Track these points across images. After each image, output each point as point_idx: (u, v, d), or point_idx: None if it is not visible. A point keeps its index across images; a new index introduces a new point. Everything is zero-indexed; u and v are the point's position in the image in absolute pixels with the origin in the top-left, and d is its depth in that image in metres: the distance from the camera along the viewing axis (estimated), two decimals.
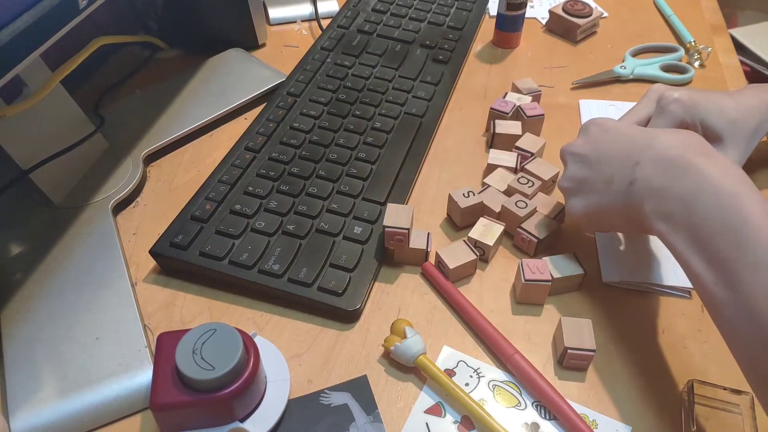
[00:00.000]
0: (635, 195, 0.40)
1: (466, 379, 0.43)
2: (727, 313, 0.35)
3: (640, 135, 0.42)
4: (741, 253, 0.34)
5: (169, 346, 0.38)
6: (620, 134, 0.44)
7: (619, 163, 0.42)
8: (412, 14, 0.77)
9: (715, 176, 0.36)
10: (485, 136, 0.63)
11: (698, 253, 0.36)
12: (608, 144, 0.44)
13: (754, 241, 0.33)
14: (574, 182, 0.46)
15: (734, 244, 0.34)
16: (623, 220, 0.43)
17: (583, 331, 0.43)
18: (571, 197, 0.46)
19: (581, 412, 0.41)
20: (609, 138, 0.44)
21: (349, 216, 0.51)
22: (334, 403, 0.42)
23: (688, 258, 0.37)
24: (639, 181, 0.40)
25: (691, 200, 0.37)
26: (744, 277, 0.33)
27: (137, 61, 0.72)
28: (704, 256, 0.36)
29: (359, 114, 0.61)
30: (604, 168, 0.43)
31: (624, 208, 0.42)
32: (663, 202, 0.39)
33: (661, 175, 0.39)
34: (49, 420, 0.40)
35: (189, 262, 0.48)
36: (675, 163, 0.38)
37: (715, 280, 0.35)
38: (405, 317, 0.46)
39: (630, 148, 0.42)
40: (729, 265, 0.34)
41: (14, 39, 0.39)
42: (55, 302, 0.46)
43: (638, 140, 0.42)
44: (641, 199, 0.40)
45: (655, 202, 0.39)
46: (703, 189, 0.37)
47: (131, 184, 0.55)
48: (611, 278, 0.49)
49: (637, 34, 0.77)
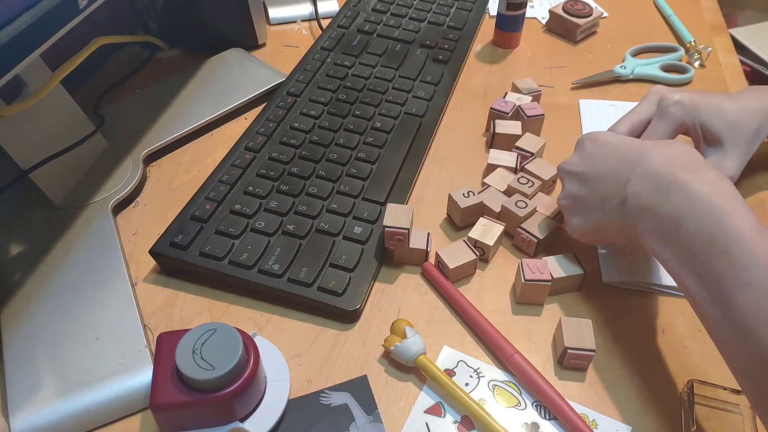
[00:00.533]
0: (628, 213, 0.41)
1: (466, 379, 0.43)
2: (719, 329, 0.36)
3: (631, 150, 0.42)
4: (731, 272, 0.34)
5: (169, 346, 0.38)
6: (613, 149, 0.43)
7: (612, 181, 0.42)
8: (412, 14, 0.77)
9: (703, 194, 0.36)
10: (485, 136, 0.63)
11: (690, 271, 0.37)
12: (601, 160, 0.44)
13: (744, 261, 0.33)
14: (572, 200, 0.46)
15: (724, 263, 0.34)
16: (621, 236, 0.44)
17: (583, 331, 0.43)
18: (570, 215, 0.46)
19: (581, 412, 0.41)
20: (602, 153, 0.44)
21: (349, 216, 0.51)
22: (334, 403, 0.42)
23: (681, 275, 0.37)
24: (630, 198, 0.40)
25: (681, 218, 0.37)
26: (735, 296, 0.33)
27: (137, 61, 0.72)
28: (695, 273, 0.36)
29: (359, 114, 0.61)
30: (598, 186, 0.43)
31: (619, 225, 0.42)
32: (654, 220, 0.39)
33: (651, 192, 0.39)
34: (49, 420, 0.40)
35: (189, 262, 0.48)
36: (663, 180, 0.38)
37: (707, 297, 0.35)
38: (405, 317, 0.46)
39: (621, 164, 0.42)
40: (720, 283, 0.34)
41: (14, 39, 0.39)
42: (55, 302, 0.46)
43: (630, 156, 0.41)
44: (634, 217, 0.40)
45: (647, 220, 0.39)
46: (691, 207, 0.36)
47: (131, 184, 0.55)
48: (611, 278, 0.49)
49: (637, 34, 0.77)
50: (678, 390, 0.42)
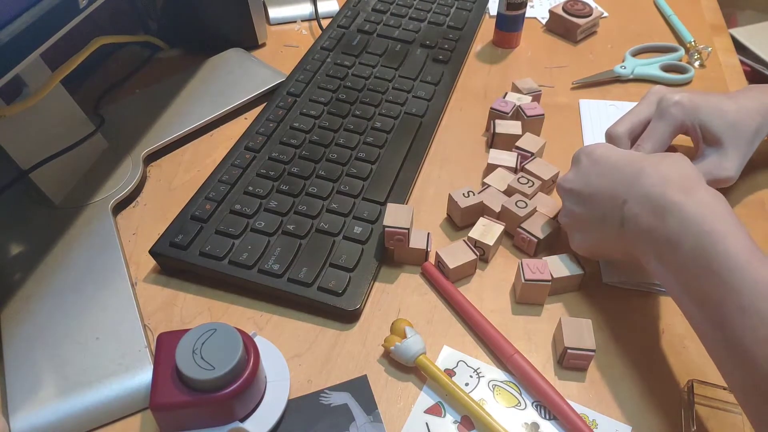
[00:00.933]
0: (627, 235, 0.41)
1: (466, 379, 0.43)
2: (716, 349, 0.36)
3: (627, 168, 0.41)
4: (727, 296, 0.34)
5: (169, 346, 0.38)
6: (609, 167, 0.43)
7: (609, 201, 0.42)
8: (412, 14, 0.77)
9: (697, 216, 0.36)
10: (485, 136, 0.63)
11: (688, 294, 0.37)
12: (598, 178, 0.43)
13: (740, 284, 0.33)
14: (572, 218, 0.46)
15: (720, 287, 0.34)
16: (623, 255, 0.44)
17: (583, 331, 0.43)
18: (572, 232, 0.47)
19: (581, 412, 0.41)
20: (598, 171, 0.43)
21: (349, 216, 0.51)
22: (334, 403, 0.42)
23: (679, 296, 0.38)
24: (628, 220, 0.40)
25: (676, 242, 0.37)
26: (732, 320, 0.33)
27: (137, 61, 0.72)
28: (693, 297, 0.36)
29: (359, 114, 0.61)
30: (596, 205, 0.43)
31: (620, 246, 0.42)
32: (652, 243, 0.39)
33: (647, 215, 0.39)
34: (49, 420, 0.40)
35: (189, 262, 0.48)
36: (658, 203, 0.38)
37: (705, 319, 0.36)
38: (405, 317, 0.46)
39: (617, 184, 0.41)
40: (717, 307, 0.34)
41: (14, 39, 0.39)
42: (55, 302, 0.46)
43: (626, 175, 0.41)
44: (633, 239, 0.40)
45: (646, 243, 0.39)
46: (686, 230, 0.36)
47: (131, 184, 0.55)
48: (611, 278, 0.49)
49: (637, 34, 0.77)
50: (678, 390, 0.42)
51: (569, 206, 0.46)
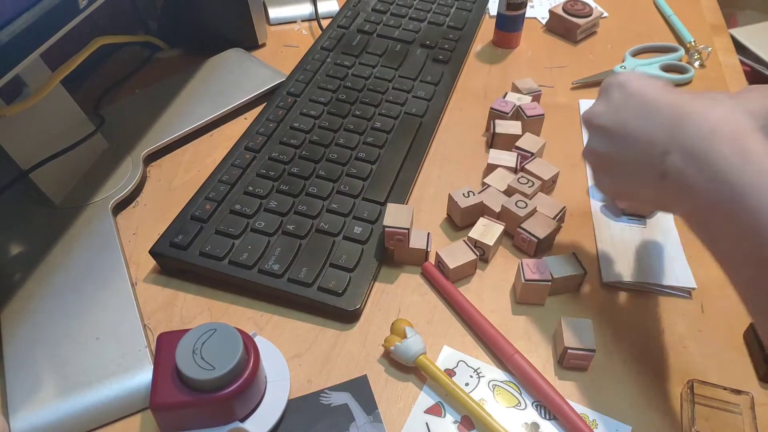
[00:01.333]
0: (670, 190, 0.36)
1: (466, 379, 0.43)
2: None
3: (669, 109, 0.36)
4: None
5: (169, 346, 0.38)
6: (645, 104, 0.38)
7: (647, 146, 0.37)
8: (412, 14, 0.77)
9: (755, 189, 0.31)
10: (485, 136, 0.63)
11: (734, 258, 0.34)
12: (631, 116, 0.38)
13: None
14: (598, 158, 0.42)
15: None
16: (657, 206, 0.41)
17: (583, 331, 0.43)
18: (597, 172, 0.43)
19: (581, 412, 0.41)
20: (632, 107, 0.38)
21: (349, 216, 0.51)
22: (334, 403, 0.42)
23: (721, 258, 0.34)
24: (671, 175, 0.36)
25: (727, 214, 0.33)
26: None
27: (137, 61, 0.72)
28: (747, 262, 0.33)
29: (359, 114, 0.61)
30: (630, 149, 0.38)
31: (657, 198, 0.39)
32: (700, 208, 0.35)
33: (694, 173, 0.34)
34: (49, 420, 0.40)
35: (189, 262, 0.48)
36: (706, 163, 0.33)
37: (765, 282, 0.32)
38: (405, 317, 0.46)
39: (656, 128, 0.37)
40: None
41: (14, 39, 0.39)
42: (55, 302, 0.46)
43: (667, 118, 0.36)
44: (675, 197, 0.36)
45: (691, 206, 0.35)
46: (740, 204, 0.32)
47: (131, 184, 0.55)
48: (611, 278, 0.49)
49: (637, 34, 0.77)
50: (678, 390, 0.42)
51: (595, 144, 0.41)
